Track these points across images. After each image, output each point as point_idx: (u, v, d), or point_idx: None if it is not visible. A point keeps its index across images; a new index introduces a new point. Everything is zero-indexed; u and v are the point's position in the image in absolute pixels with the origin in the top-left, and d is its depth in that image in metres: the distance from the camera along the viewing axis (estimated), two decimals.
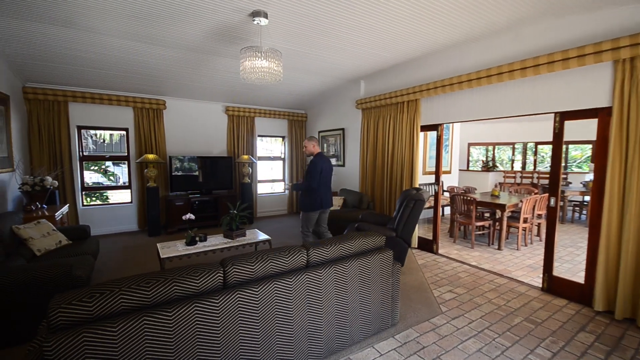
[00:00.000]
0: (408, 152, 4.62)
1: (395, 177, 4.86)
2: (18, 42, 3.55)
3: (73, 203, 5.14)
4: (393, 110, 4.88)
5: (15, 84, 4.38)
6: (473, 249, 4.64)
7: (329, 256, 2.13)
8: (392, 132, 4.90)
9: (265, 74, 2.95)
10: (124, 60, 4.23)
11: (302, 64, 4.56)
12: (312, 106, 7.07)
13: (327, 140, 6.64)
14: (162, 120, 5.78)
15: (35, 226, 3.29)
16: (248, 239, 3.59)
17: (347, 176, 6.09)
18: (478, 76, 3.55)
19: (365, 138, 5.43)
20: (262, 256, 1.87)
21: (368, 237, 2.36)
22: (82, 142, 5.39)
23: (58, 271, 2.39)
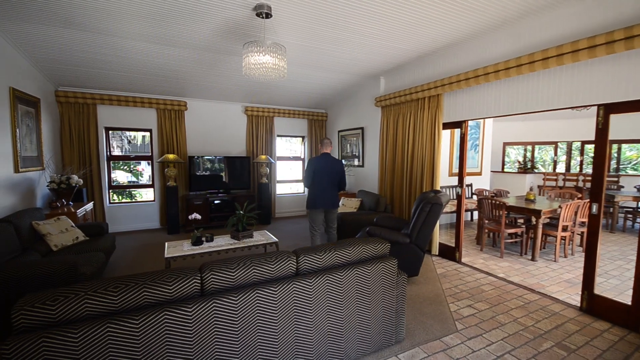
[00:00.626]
0: (429, 152, 4.29)
1: (415, 178, 4.55)
2: (49, 48, 3.76)
3: (100, 201, 5.40)
4: (413, 107, 4.57)
5: (47, 88, 4.67)
6: (502, 258, 4.20)
7: (322, 264, 1.95)
8: (412, 130, 4.59)
9: (269, 70, 2.83)
10: (146, 63, 4.35)
11: (318, 61, 4.41)
12: (332, 105, 6.90)
13: (347, 140, 6.43)
14: (184, 121, 5.91)
15: (55, 222, 3.44)
16: (254, 241, 3.50)
17: (366, 177, 5.84)
18: (507, 66, 3.17)
19: (384, 137, 5.16)
20: (245, 262, 1.73)
21: (369, 244, 2.15)
22: (110, 142, 5.66)
23: (61, 268, 2.43)
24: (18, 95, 3.70)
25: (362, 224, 4.35)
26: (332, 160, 3.87)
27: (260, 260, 1.77)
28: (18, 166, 3.67)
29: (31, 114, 4.10)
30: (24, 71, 3.91)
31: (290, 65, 4.53)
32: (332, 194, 3.82)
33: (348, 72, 4.91)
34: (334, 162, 3.86)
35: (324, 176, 3.77)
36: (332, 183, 3.81)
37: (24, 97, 3.86)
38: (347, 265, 2.03)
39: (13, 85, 3.60)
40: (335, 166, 3.83)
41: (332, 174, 3.80)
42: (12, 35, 3.38)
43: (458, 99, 3.96)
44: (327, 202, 3.81)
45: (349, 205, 5.08)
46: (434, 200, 3.18)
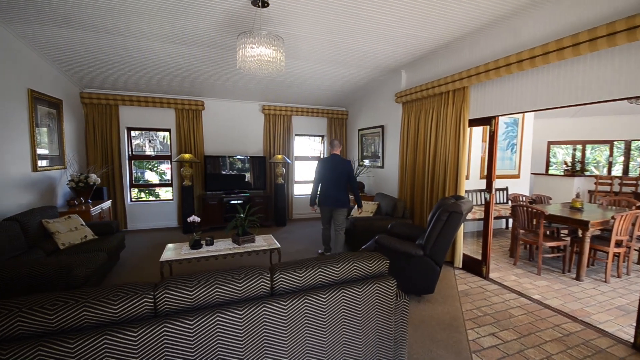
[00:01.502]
0: (452, 152, 3.84)
1: (437, 181, 4.10)
2: (70, 51, 3.89)
3: (121, 199, 5.55)
4: (436, 102, 4.13)
5: (71, 90, 4.85)
6: (539, 276, 3.63)
7: (302, 283, 1.68)
8: (435, 128, 4.15)
9: (264, 63, 2.61)
10: (163, 63, 4.36)
11: (336, 55, 4.13)
12: (352, 102, 6.57)
13: (367, 139, 6.07)
14: (201, 121, 5.92)
15: (65, 221, 3.51)
16: (256, 246, 3.30)
17: (385, 179, 5.44)
18: (545, 50, 2.67)
19: (404, 136, 4.75)
20: (208, 279, 1.51)
21: (362, 260, 1.83)
22: (131, 142, 5.81)
23: (50, 269, 2.40)
24: (37, 96, 3.83)
25: (375, 230, 4.00)
26: (338, 160, 4.02)
27: (226, 277, 1.54)
28: (36, 165, 3.80)
29: (52, 115, 4.26)
30: (44, 74, 4.05)
31: (308, 61, 4.34)
32: (335, 193, 3.95)
33: (367, 66, 4.56)
34: (340, 162, 4.00)
35: (328, 176, 3.96)
36: (337, 183, 3.95)
37: (44, 99, 4.00)
38: (333, 285, 1.74)
39: (32, 87, 3.73)
40: (339, 166, 3.96)
41: (336, 174, 3.94)
42: (30, 38, 3.49)
43: (487, 92, 3.47)
44: (330, 200, 3.97)
45: (364, 209, 4.74)
46: (453, 208, 2.77)
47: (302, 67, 4.59)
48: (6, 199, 3.30)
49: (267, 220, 5.98)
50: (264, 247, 3.27)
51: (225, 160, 5.90)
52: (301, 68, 4.62)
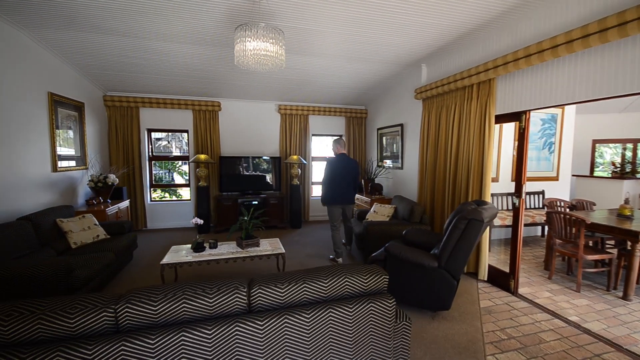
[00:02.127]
0: (476, 152, 3.47)
1: (459, 184, 3.74)
2: (91, 56, 4.01)
3: (142, 199, 5.68)
4: (459, 97, 3.77)
5: (94, 93, 5.02)
6: (579, 293, 3.18)
7: (284, 299, 1.49)
8: (457, 125, 3.79)
9: (262, 58, 2.45)
10: (181, 64, 4.38)
11: (350, 50, 3.90)
12: (372, 100, 6.28)
13: (386, 139, 5.77)
14: (218, 122, 5.93)
15: (79, 220, 3.58)
16: (259, 250, 3.17)
17: (404, 181, 5.12)
18: (585, 33, 2.28)
19: (424, 135, 4.41)
20: (175, 293, 1.37)
21: (356, 274, 1.61)
22: (152, 143, 5.95)
23: (52, 270, 2.40)
24: (57, 99, 3.97)
25: (389, 236, 3.72)
26: (349, 159, 4.20)
27: (196, 291, 1.39)
28: (56, 166, 3.94)
29: (74, 117, 4.41)
30: (66, 77, 4.20)
31: (324, 57, 4.17)
32: (350, 192, 4.17)
33: (385, 60, 4.28)
34: (351, 162, 4.19)
35: (344, 174, 4.07)
36: (350, 181, 4.13)
37: (65, 101, 4.15)
38: (319, 302, 1.54)
39: (52, 90, 3.87)
40: (350, 165, 4.14)
41: (350, 173, 4.12)
42: (50, 42, 3.61)
43: (516, 84, 3.09)
44: (347, 199, 4.16)
45: (380, 212, 4.46)
46: (472, 215, 2.45)
47: (318, 64, 4.42)
48: (26, 199, 3.43)
49: (282, 222, 5.86)
50: (267, 251, 3.12)
51: (241, 161, 5.87)
52: (317, 65, 4.45)
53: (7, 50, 3.16)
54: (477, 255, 3.53)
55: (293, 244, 4.88)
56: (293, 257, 4.23)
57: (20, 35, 3.30)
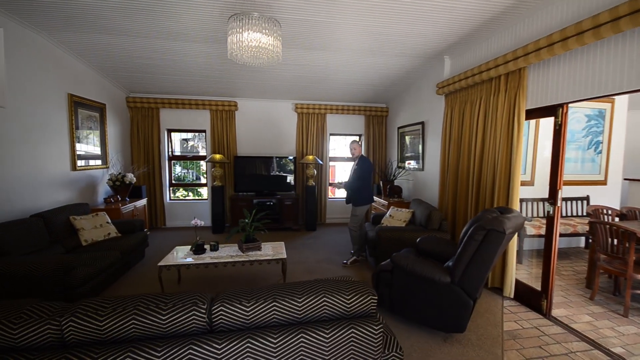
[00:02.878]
0: (504, 152, 3.07)
1: (483, 187, 3.35)
2: (114, 57, 4.11)
3: (161, 197, 5.81)
4: (484, 91, 3.38)
5: (116, 94, 5.18)
6: (626, 318, 2.68)
7: (250, 319, 1.30)
8: (482, 122, 3.40)
9: (256, 50, 2.29)
10: (200, 64, 4.38)
11: (368, 42, 3.66)
12: (393, 97, 5.94)
13: (406, 138, 5.41)
14: (234, 121, 5.91)
15: (92, 218, 3.66)
16: (259, 255, 3.02)
17: (425, 183, 4.75)
18: (633, 8, 1.87)
19: (446, 133, 4.04)
20: (125, 307, 1.23)
21: (337, 293, 1.38)
22: (171, 143, 6.07)
23: (51, 268, 2.41)
24: (77, 100, 4.11)
25: (402, 243, 3.42)
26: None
27: (148, 305, 1.24)
28: (75, 164, 4.08)
29: (94, 118, 4.57)
30: (87, 80, 4.35)
31: (341, 52, 3.97)
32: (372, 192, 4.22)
33: (406, 53, 3.96)
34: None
35: (371, 175, 4.14)
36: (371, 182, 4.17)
37: (85, 103, 4.29)
38: (291, 325, 1.33)
39: (71, 92, 4.01)
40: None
41: (371, 173, 4.14)
42: (70, 45, 3.74)
43: (551, 73, 2.67)
44: (373, 199, 4.25)
45: (396, 217, 4.15)
46: (491, 225, 2.11)
47: (334, 60, 4.22)
48: (44, 196, 3.56)
49: (296, 223, 5.71)
50: (267, 256, 2.97)
51: (256, 161, 5.80)
52: (334, 61, 4.25)
53: (27, 53, 3.28)
54: (502, 267, 3.12)
55: (305, 247, 4.70)
56: (302, 261, 4.05)
57: (39, 38, 3.43)
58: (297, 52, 3.94)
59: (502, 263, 3.12)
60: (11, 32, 3.07)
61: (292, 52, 3.92)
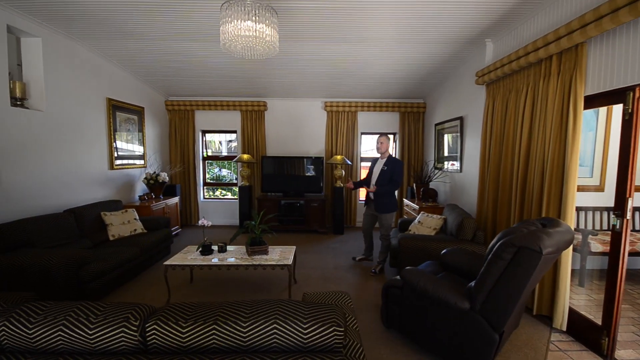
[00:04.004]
0: (556, 149, 2.50)
1: (529, 192, 2.79)
2: (151, 62, 4.34)
3: (195, 196, 6.04)
4: (532, 76, 2.81)
5: (155, 98, 5.49)
6: None
7: (186, 342, 1.12)
8: (530, 113, 2.83)
9: (251, 41, 2.13)
10: (230, 65, 4.42)
11: (401, 30, 3.33)
12: (430, 92, 5.41)
13: (443, 136, 4.86)
14: (263, 121, 5.91)
15: (121, 214, 3.87)
16: (264, 259, 2.86)
17: (463, 187, 4.18)
18: None
19: (487, 128, 3.48)
20: (56, 316, 1.13)
21: (292, 320, 1.13)
22: (206, 144, 6.28)
23: (64, 261, 2.53)
24: (116, 104, 4.41)
25: (427, 254, 3.00)
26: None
27: (79, 316, 1.13)
28: (113, 164, 4.37)
29: (133, 120, 4.87)
30: (126, 85, 4.65)
31: (372, 44, 3.69)
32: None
33: (443, 39, 3.52)
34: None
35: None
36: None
37: (123, 106, 4.59)
38: (234, 352, 1.12)
39: (110, 96, 4.30)
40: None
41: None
42: (108, 53, 4.01)
43: (617, 48, 2.07)
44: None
45: (426, 223, 3.69)
46: (524, 242, 1.66)
47: (365, 53, 3.94)
48: (82, 193, 3.85)
49: (322, 226, 5.49)
50: (272, 261, 2.80)
51: (283, 161, 5.71)
52: (365, 54, 3.97)
53: (67, 61, 3.57)
54: (552, 291, 2.54)
55: (327, 252, 4.46)
56: (320, 267, 3.82)
57: (78, 47, 3.71)
58: (325, 45, 3.75)
59: (553, 285, 2.54)
60: (51, 42, 3.35)
61: (319, 46, 3.74)
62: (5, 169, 2.88)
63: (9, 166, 2.91)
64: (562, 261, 2.42)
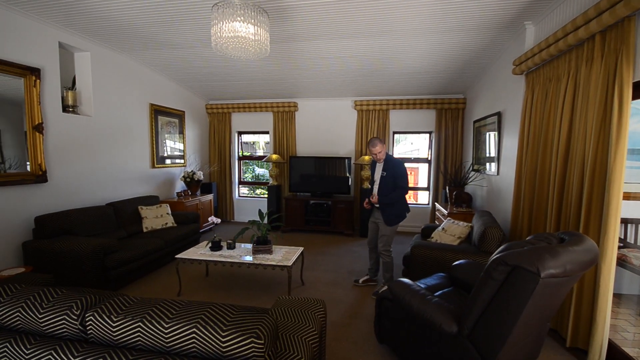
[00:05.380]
0: (598, 146, 2.07)
1: (567, 199, 2.35)
2: (189, 69, 4.67)
3: (230, 194, 6.37)
4: (573, 61, 2.37)
5: (195, 102, 5.93)
6: None
7: (116, 336, 1.15)
8: (570, 105, 2.39)
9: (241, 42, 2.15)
10: (262, 67, 4.53)
11: (432, 17, 3.04)
12: (472, 85, 4.90)
13: (481, 135, 4.37)
14: (294, 122, 5.98)
15: (155, 209, 4.25)
16: (265, 258, 2.87)
17: (499, 192, 3.71)
18: None
19: (525, 124, 3.03)
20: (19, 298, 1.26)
21: (213, 325, 1.09)
22: (241, 144, 6.59)
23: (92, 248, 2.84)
24: (157, 109, 4.86)
25: (441, 265, 2.72)
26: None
27: (35, 300, 1.24)
28: (154, 163, 4.83)
29: (174, 123, 5.32)
30: (167, 90, 5.10)
31: (402, 36, 3.44)
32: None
33: (479, 24, 3.14)
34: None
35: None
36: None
37: (165, 111, 5.04)
38: (156, 353, 1.12)
39: (152, 102, 4.75)
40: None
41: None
42: (149, 62, 4.44)
43: None
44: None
45: (450, 231, 3.35)
46: (517, 261, 1.39)
47: (396, 46, 3.71)
48: (126, 189, 4.32)
49: (349, 228, 5.35)
50: (272, 262, 2.79)
51: (311, 161, 5.70)
52: (395, 47, 3.74)
53: (112, 70, 4.03)
54: (589, 319, 2.09)
55: (347, 255, 4.33)
56: (332, 270, 3.72)
57: (122, 58, 4.16)
58: (350, 41, 3.62)
59: (590, 312, 2.09)
60: (98, 55, 3.81)
61: (345, 42, 3.63)
62: (56, 167, 3.35)
63: (59, 165, 3.39)
64: (601, 284, 1.98)
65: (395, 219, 3.09)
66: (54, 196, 3.33)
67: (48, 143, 3.25)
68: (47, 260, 2.85)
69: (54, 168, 3.33)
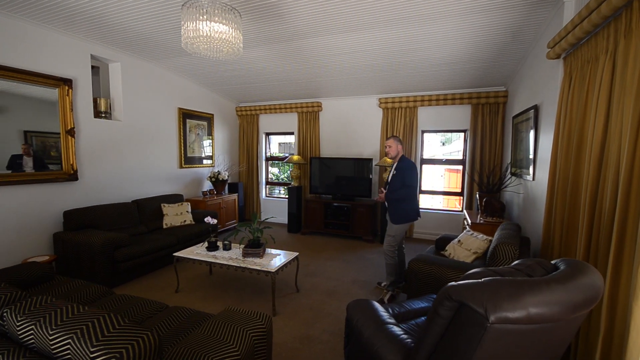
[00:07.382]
0: (637, 147, 1.56)
1: (600, 210, 1.84)
2: (215, 73, 4.89)
3: (257, 194, 6.51)
4: (611, 37, 1.85)
5: (224, 105, 6.18)
6: None
7: (21, 335, 1.17)
8: (606, 93, 1.87)
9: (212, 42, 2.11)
10: (286, 67, 4.49)
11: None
12: (512, 76, 4.25)
13: (520, 133, 3.74)
14: (318, 122, 5.87)
15: (177, 206, 4.51)
16: (251, 262, 2.81)
17: (534, 199, 3.12)
18: None
19: (561, 119, 2.48)
20: None
21: (87, 337, 1.04)
22: (269, 145, 6.69)
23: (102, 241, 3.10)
24: (186, 112, 5.16)
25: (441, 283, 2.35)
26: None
27: None
28: (182, 163, 5.15)
29: (202, 126, 5.61)
30: (196, 95, 5.40)
31: (426, 22, 3.05)
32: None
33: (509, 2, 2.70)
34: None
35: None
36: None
37: (193, 114, 5.34)
38: (45, 358, 1.11)
39: (180, 106, 5.07)
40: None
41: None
42: (177, 68, 4.73)
43: None
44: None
45: (467, 244, 2.91)
46: (462, 296, 1.08)
47: (422, 34, 3.30)
48: (154, 187, 4.68)
49: (368, 233, 5.05)
50: (255, 266, 2.72)
51: (331, 163, 5.52)
52: (421, 35, 3.33)
53: (142, 78, 4.38)
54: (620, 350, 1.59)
55: (358, 262, 4.07)
56: (337, 278, 3.52)
57: (150, 66, 4.49)
58: (372, 33, 3.35)
59: (620, 347, 1.59)
60: (128, 64, 4.16)
61: (366, 34, 3.38)
62: (87, 167, 3.75)
63: (90, 165, 3.78)
64: (631, 328, 1.48)
65: (399, 218, 3.03)
66: (84, 193, 3.72)
67: (79, 145, 3.65)
68: (70, 251, 3.19)
69: (85, 168, 3.72)
